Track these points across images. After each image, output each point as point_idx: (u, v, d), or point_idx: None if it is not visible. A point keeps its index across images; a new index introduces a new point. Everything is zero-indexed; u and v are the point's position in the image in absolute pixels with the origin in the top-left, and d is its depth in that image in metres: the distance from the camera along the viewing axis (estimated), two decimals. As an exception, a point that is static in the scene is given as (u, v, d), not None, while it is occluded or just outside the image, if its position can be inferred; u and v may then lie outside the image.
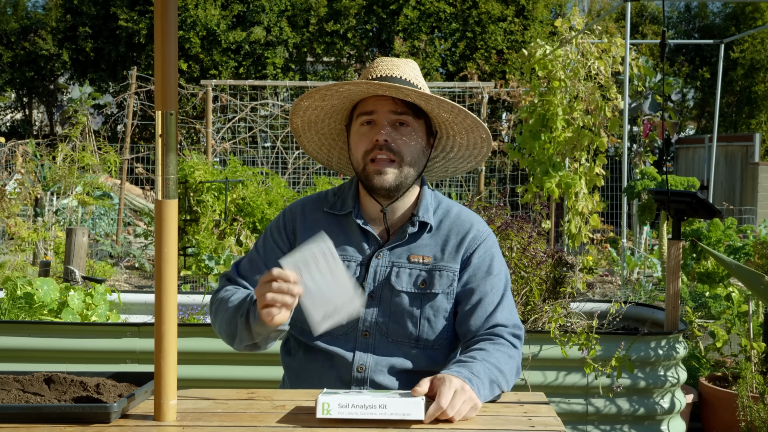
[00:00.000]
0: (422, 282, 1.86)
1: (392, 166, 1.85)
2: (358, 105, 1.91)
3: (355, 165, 1.91)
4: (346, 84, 1.83)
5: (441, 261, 1.88)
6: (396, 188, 1.87)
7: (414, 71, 1.94)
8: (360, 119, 1.89)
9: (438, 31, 14.81)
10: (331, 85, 1.84)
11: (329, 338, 1.86)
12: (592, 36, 6.92)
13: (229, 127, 10.70)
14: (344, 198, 1.95)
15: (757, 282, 2.28)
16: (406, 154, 1.86)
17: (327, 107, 1.93)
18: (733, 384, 3.93)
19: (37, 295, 3.62)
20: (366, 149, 1.86)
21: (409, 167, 1.87)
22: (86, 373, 1.72)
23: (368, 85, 1.82)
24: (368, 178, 1.86)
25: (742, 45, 15.90)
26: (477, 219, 1.95)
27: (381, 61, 1.94)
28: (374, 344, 1.85)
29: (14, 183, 8.55)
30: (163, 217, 1.53)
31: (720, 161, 12.59)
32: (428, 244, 1.89)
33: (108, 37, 15.13)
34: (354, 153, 1.90)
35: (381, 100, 1.87)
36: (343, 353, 1.85)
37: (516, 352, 1.84)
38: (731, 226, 5.10)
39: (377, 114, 1.86)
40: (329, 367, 1.85)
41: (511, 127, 10.35)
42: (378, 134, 1.84)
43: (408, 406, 1.49)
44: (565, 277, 3.50)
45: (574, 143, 6.55)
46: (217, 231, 7.10)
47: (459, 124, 1.92)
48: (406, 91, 1.81)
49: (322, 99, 1.89)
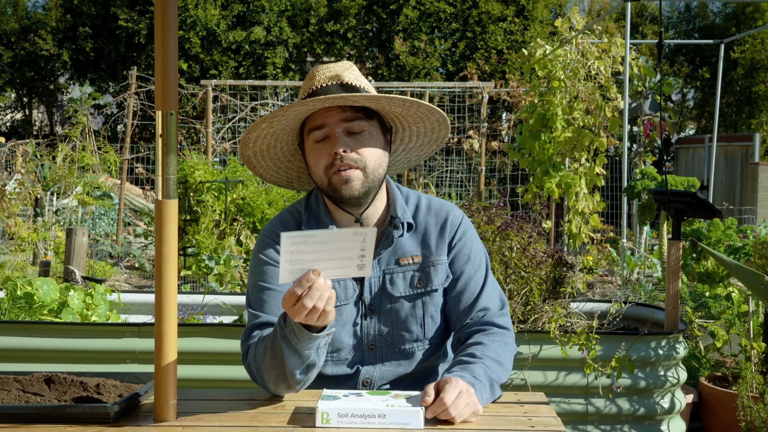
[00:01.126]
0: (419, 281, 1.85)
1: (356, 172, 1.78)
2: (307, 121, 1.83)
3: (318, 182, 1.84)
4: (291, 107, 1.75)
5: (431, 256, 1.86)
6: (365, 194, 1.81)
7: (352, 72, 1.86)
8: (312, 135, 1.81)
9: (438, 31, 14.81)
10: (277, 112, 1.75)
11: (335, 363, 1.84)
12: (592, 36, 6.92)
13: (229, 127, 10.70)
14: (317, 216, 1.88)
15: (757, 282, 2.28)
16: (368, 159, 1.80)
17: (277, 132, 1.85)
18: (733, 384, 3.92)
19: (37, 295, 3.62)
20: (326, 164, 1.79)
21: (374, 171, 1.81)
22: (86, 373, 1.72)
23: (314, 102, 1.74)
24: (335, 191, 1.79)
25: (742, 45, 15.90)
26: (448, 204, 1.93)
27: (317, 70, 1.86)
28: (382, 356, 1.84)
29: (14, 183, 8.55)
30: (163, 217, 1.53)
31: (720, 161, 12.59)
32: (410, 243, 1.87)
33: (108, 37, 15.13)
34: (315, 170, 1.82)
35: (329, 111, 1.79)
36: (349, 372, 1.84)
37: (509, 333, 1.85)
38: (731, 226, 5.10)
39: (328, 126, 1.79)
40: (334, 385, 1.84)
41: (511, 127, 10.35)
42: (334, 146, 1.77)
43: (407, 415, 1.50)
44: (565, 277, 3.50)
45: (574, 143, 6.55)
46: (217, 231, 7.10)
47: (412, 115, 1.86)
48: (353, 98, 1.75)
49: (270, 126, 1.81)
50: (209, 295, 4.17)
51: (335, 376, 1.85)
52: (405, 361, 1.84)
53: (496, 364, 1.74)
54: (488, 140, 10.06)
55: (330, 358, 1.84)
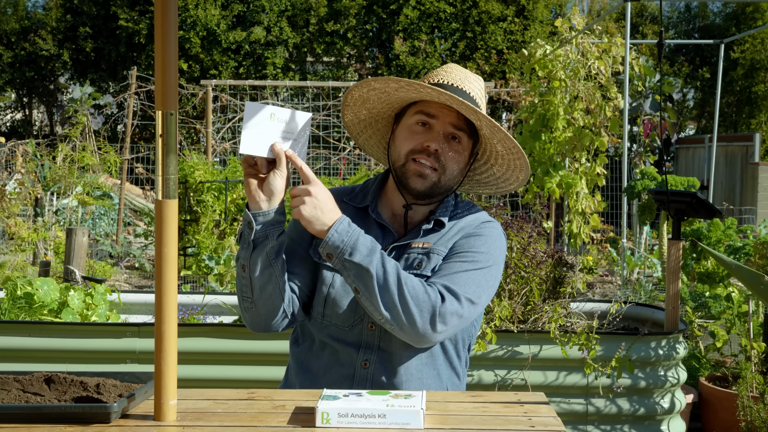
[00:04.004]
0: (418, 264, 1.85)
1: (434, 174, 1.82)
2: (420, 103, 1.86)
3: (393, 157, 1.87)
4: (426, 87, 1.77)
5: (438, 246, 1.86)
6: (428, 194, 1.85)
7: (480, 91, 1.90)
8: (417, 116, 1.84)
9: (438, 31, 14.81)
10: (412, 82, 1.79)
11: (336, 330, 1.85)
12: (592, 36, 6.92)
13: (229, 127, 10.70)
14: (366, 191, 1.94)
15: (757, 282, 2.28)
16: (449, 167, 1.84)
17: (391, 94, 1.87)
18: (733, 384, 3.93)
19: (37, 295, 3.62)
20: (413, 148, 1.83)
21: (448, 180, 1.85)
22: (86, 373, 1.72)
23: (450, 96, 1.76)
24: (405, 176, 1.84)
25: (742, 45, 15.90)
26: (488, 218, 1.94)
27: (452, 69, 1.89)
28: (379, 340, 1.84)
29: (14, 183, 8.55)
30: (163, 217, 1.53)
31: (720, 161, 12.59)
32: (431, 234, 1.89)
33: (108, 37, 15.14)
34: (398, 146, 1.86)
35: (446, 108, 1.83)
36: (348, 348, 1.84)
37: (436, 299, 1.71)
38: (731, 226, 5.10)
39: (438, 120, 1.83)
40: (334, 362, 1.85)
41: (511, 127, 10.35)
42: (431, 141, 1.81)
43: (407, 415, 1.50)
44: (565, 277, 3.50)
45: (575, 143, 6.55)
46: (217, 231, 7.10)
47: (505, 156, 1.90)
48: (481, 116, 1.77)
49: (392, 83, 1.83)
50: (209, 295, 4.17)
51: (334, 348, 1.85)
52: (401, 346, 1.82)
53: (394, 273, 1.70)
54: (488, 140, 10.04)
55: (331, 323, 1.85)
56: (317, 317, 1.88)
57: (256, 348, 3.26)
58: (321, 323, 1.87)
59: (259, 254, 1.74)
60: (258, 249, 1.73)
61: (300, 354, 1.93)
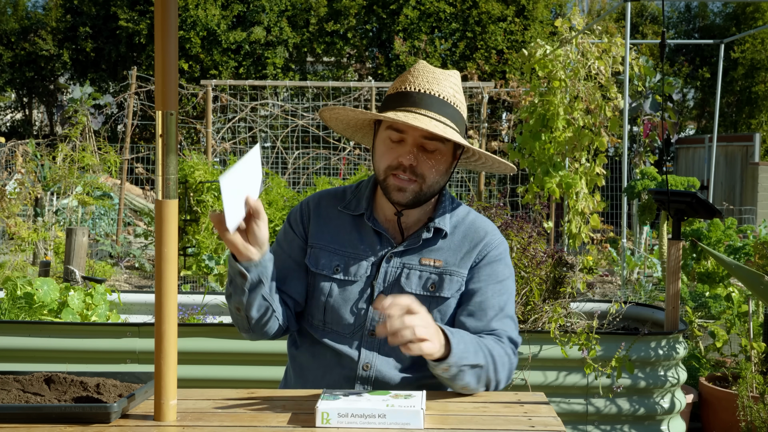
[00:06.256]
0: (432, 285, 1.85)
1: (413, 185, 1.82)
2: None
3: (376, 171, 1.88)
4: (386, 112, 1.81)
5: (452, 266, 1.86)
6: (414, 203, 1.85)
7: (453, 87, 1.86)
8: (388, 133, 1.83)
9: (438, 31, 14.80)
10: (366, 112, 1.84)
11: (336, 336, 1.86)
12: (592, 36, 6.92)
13: (229, 127, 10.70)
14: (359, 198, 1.93)
15: (757, 282, 2.28)
16: (428, 176, 1.82)
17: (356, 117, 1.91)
18: (733, 384, 3.92)
19: (37, 295, 3.62)
20: (390, 164, 1.82)
21: (430, 186, 1.84)
22: (86, 373, 1.72)
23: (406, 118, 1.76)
24: (387, 190, 1.84)
25: (742, 45, 15.89)
26: (491, 227, 1.93)
27: (420, 72, 1.86)
28: (380, 343, 1.84)
29: (14, 183, 8.54)
30: (163, 217, 1.53)
31: (720, 161, 12.58)
32: (441, 248, 1.88)
33: (108, 37, 15.13)
34: (377, 162, 1.86)
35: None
36: (349, 352, 1.84)
37: (513, 357, 1.82)
38: (731, 226, 5.10)
39: (408, 135, 1.81)
40: (335, 364, 1.85)
41: (511, 127, 10.35)
42: (404, 157, 1.80)
43: (407, 415, 1.50)
44: (565, 277, 3.50)
45: (575, 143, 6.55)
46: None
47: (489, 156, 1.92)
48: (440, 132, 1.76)
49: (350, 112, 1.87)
50: (209, 295, 4.17)
51: (334, 350, 1.85)
52: (403, 354, 1.83)
53: (486, 350, 1.73)
54: (488, 140, 10.06)
55: (332, 329, 1.86)
56: (318, 324, 1.88)
57: (256, 348, 3.26)
58: (322, 330, 1.88)
59: (254, 297, 1.76)
60: (253, 293, 1.75)
61: (299, 356, 1.93)
